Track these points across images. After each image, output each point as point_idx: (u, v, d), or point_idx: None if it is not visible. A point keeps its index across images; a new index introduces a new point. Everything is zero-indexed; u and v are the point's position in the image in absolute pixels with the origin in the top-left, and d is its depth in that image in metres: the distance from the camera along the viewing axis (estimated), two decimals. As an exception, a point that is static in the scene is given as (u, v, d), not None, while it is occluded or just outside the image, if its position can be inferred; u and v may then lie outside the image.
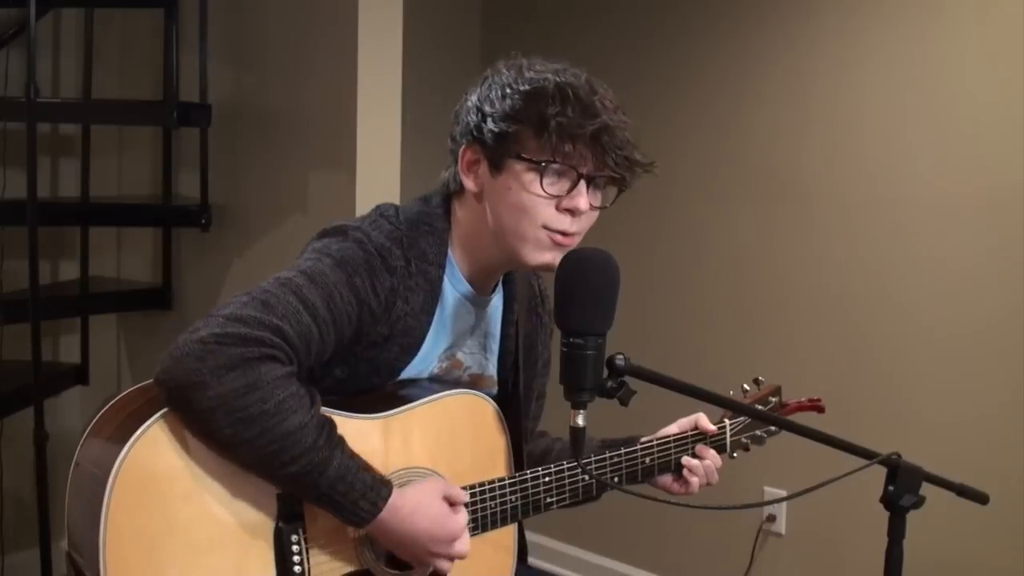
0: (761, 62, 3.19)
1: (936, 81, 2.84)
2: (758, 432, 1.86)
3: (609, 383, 1.32)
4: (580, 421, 1.33)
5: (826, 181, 3.06)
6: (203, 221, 3.02)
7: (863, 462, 1.42)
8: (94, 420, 1.41)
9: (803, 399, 1.94)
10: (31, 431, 2.76)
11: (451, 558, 1.48)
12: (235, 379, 1.30)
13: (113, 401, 1.42)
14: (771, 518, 3.19)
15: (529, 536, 1.79)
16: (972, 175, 2.79)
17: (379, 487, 1.40)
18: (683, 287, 3.40)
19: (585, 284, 1.32)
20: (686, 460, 1.75)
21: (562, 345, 1.32)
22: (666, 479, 1.77)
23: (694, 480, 1.75)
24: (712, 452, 1.77)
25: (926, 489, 1.44)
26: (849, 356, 3.01)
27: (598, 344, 1.31)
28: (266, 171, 2.93)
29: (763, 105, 3.18)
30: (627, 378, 1.33)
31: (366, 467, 1.40)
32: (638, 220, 3.45)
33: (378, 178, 2.66)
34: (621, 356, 1.32)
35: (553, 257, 1.51)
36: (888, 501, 1.43)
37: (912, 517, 1.43)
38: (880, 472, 1.43)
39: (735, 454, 1.85)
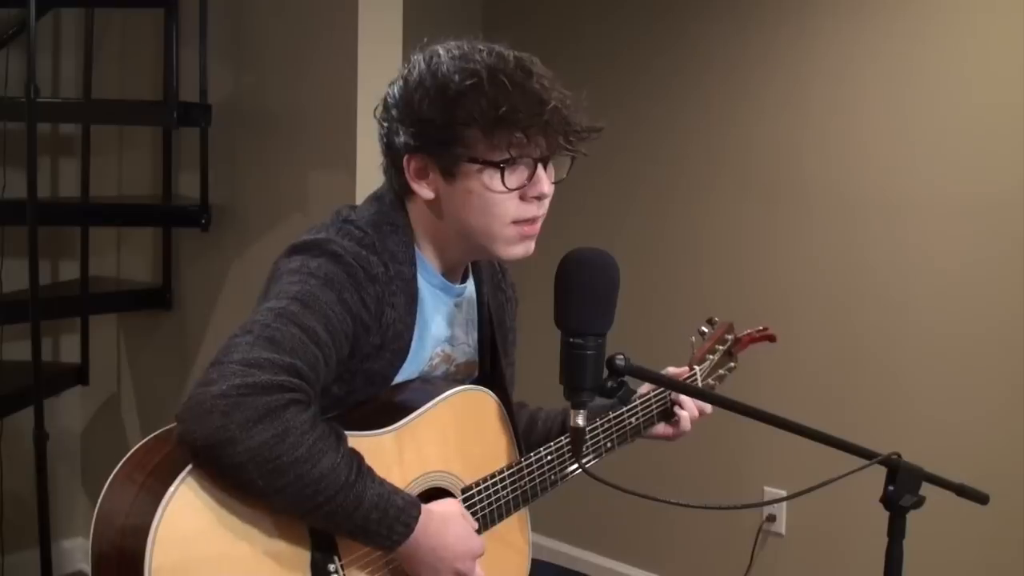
0: (761, 63, 3.19)
1: (936, 82, 2.84)
2: (721, 371, 1.96)
3: (609, 383, 1.32)
4: (580, 421, 1.33)
5: (826, 182, 3.06)
6: (203, 221, 3.01)
7: (863, 462, 1.42)
8: (112, 477, 1.36)
9: (752, 331, 2.03)
10: (31, 431, 2.76)
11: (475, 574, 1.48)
12: (264, 430, 1.26)
13: (128, 456, 1.38)
14: (771, 518, 3.19)
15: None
16: (972, 176, 2.79)
17: (410, 508, 1.39)
18: (683, 287, 3.40)
19: (585, 284, 1.32)
20: (677, 410, 1.80)
21: (562, 345, 1.32)
22: (657, 428, 1.82)
23: (685, 423, 1.81)
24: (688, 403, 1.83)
25: (926, 489, 1.44)
26: (849, 356, 3.01)
27: (598, 344, 1.31)
28: (266, 171, 2.93)
29: (763, 106, 3.18)
30: (627, 378, 1.33)
31: (395, 490, 1.39)
32: (638, 220, 3.45)
33: (378, 178, 2.65)
34: (621, 356, 1.32)
35: (525, 249, 1.51)
36: (888, 501, 1.43)
37: (912, 517, 1.43)
38: (880, 472, 1.43)
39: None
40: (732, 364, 1.99)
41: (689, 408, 1.80)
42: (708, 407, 1.81)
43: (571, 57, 1.40)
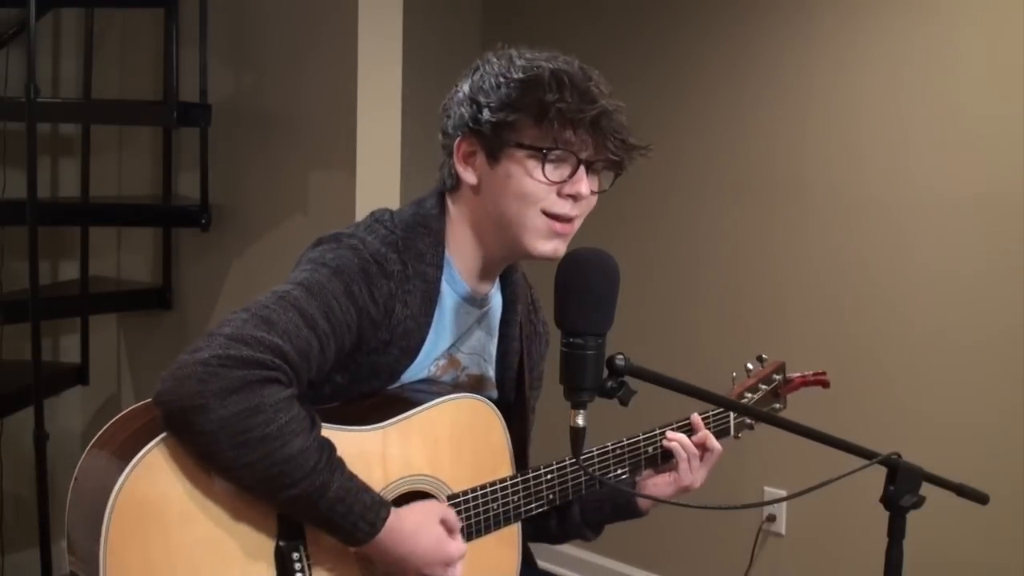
0: (759, 62, 3.19)
1: (935, 82, 2.84)
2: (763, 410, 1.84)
3: (609, 383, 1.32)
4: (580, 421, 1.33)
5: (824, 181, 3.06)
6: (203, 221, 3.01)
7: (863, 462, 1.42)
8: (97, 436, 1.39)
9: (807, 373, 1.94)
10: (31, 431, 2.75)
11: None
12: (238, 402, 1.29)
13: (116, 417, 1.40)
14: (771, 518, 3.19)
15: (529, 536, 1.79)
16: (971, 176, 2.79)
17: (378, 508, 1.39)
18: (682, 287, 3.40)
19: (585, 284, 1.32)
20: (664, 444, 1.70)
21: (562, 345, 1.32)
22: (654, 479, 1.73)
23: (682, 458, 1.70)
24: (681, 436, 1.72)
25: (926, 489, 1.44)
26: (848, 356, 3.01)
27: (598, 344, 1.31)
28: (266, 171, 2.93)
29: (761, 105, 3.19)
30: (627, 378, 1.33)
31: (365, 488, 1.39)
32: (637, 220, 3.45)
33: (378, 178, 2.66)
34: (621, 356, 1.31)
35: (555, 247, 1.51)
36: (888, 501, 1.43)
37: (912, 517, 1.43)
38: (880, 472, 1.43)
39: (739, 435, 1.83)
40: (778, 406, 1.89)
41: (685, 445, 1.69)
42: (717, 445, 1.71)
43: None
